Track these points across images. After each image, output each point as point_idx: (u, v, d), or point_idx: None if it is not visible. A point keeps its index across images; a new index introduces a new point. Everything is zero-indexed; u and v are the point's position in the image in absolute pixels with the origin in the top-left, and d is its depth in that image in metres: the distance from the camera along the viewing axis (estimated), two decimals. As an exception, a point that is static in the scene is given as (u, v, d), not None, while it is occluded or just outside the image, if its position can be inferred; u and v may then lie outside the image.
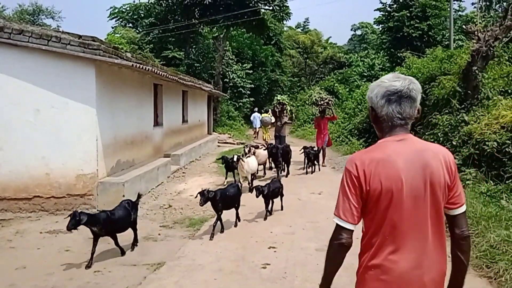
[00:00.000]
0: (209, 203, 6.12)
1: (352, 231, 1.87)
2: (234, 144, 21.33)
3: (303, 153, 11.82)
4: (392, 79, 1.96)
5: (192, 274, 4.78)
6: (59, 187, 7.50)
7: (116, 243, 5.32)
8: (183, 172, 11.94)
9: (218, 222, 6.27)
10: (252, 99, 34.00)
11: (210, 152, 17.14)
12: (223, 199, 6.32)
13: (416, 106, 1.94)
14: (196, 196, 6.15)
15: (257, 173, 10.68)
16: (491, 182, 7.94)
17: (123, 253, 5.41)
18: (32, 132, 7.43)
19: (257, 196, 6.90)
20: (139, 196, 6.06)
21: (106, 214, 5.22)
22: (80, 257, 5.28)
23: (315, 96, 14.03)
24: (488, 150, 8.33)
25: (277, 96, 15.36)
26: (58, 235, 6.32)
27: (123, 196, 7.61)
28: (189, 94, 16.22)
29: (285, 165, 11.66)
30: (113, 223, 5.23)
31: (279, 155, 10.97)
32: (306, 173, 12.00)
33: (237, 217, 6.85)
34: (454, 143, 9.59)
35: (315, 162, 12.22)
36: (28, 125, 7.42)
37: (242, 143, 21.52)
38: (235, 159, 9.33)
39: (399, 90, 1.91)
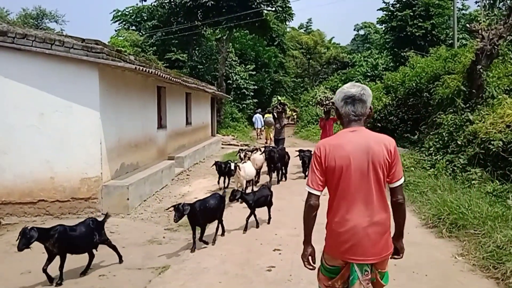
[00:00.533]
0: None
1: (318, 196, 2.64)
2: (238, 145, 21.31)
3: (299, 157, 11.39)
4: (350, 87, 2.66)
5: (197, 278, 4.77)
6: (64, 191, 7.52)
7: (61, 266, 4.67)
8: (187, 175, 11.94)
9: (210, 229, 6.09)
10: (255, 100, 33.99)
11: (214, 154, 17.13)
12: (203, 212, 5.74)
13: (366, 107, 2.64)
14: (169, 209, 5.63)
15: (256, 179, 10.29)
16: (497, 181, 7.89)
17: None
18: (36, 136, 7.45)
19: (230, 200, 6.51)
20: (107, 216, 5.37)
21: (64, 228, 4.68)
22: (84, 260, 5.27)
23: (319, 96, 13.66)
24: (493, 150, 8.28)
25: (277, 97, 15.08)
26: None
27: (127, 199, 7.64)
28: (193, 96, 16.24)
29: (283, 169, 11.17)
30: (69, 240, 4.67)
31: (276, 159, 10.45)
32: (305, 177, 11.63)
33: (222, 229, 6.35)
34: (459, 142, 9.54)
35: None
36: (32, 129, 7.44)
37: (246, 145, 21.52)
38: (232, 167, 8.87)
39: (353, 95, 2.61)
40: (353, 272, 2.54)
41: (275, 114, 13.86)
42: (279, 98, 14.42)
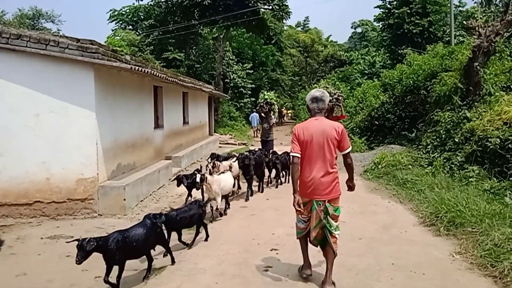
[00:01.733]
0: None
1: (299, 157, 4.26)
2: (235, 144, 21.29)
3: (269, 162, 9.76)
4: (315, 92, 4.45)
5: (194, 279, 4.74)
6: (60, 192, 7.47)
7: (119, 276, 4.42)
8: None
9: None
10: (253, 99, 33.85)
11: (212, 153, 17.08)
12: (180, 221, 5.50)
13: (325, 104, 4.41)
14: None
15: (233, 193, 8.95)
16: (494, 179, 7.88)
17: None
18: (32, 137, 7.40)
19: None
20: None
21: (123, 236, 4.43)
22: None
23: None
24: (491, 147, 8.27)
25: (263, 93, 13.30)
26: (59, 241, 6.29)
27: (124, 200, 7.60)
28: (190, 95, 16.19)
29: (259, 179, 9.55)
30: (129, 246, 4.43)
31: (252, 168, 8.83)
32: (277, 186, 10.05)
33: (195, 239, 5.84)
34: (457, 140, 9.53)
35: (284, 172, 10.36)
36: (28, 130, 7.40)
37: (244, 144, 21.51)
38: (198, 179, 6.73)
39: (317, 97, 4.38)
40: (313, 205, 4.31)
41: (261, 112, 12.70)
42: (266, 94, 12.82)
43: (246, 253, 5.54)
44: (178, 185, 7.95)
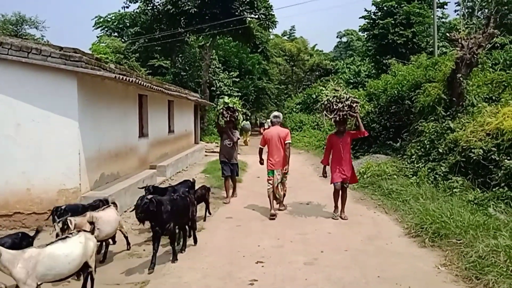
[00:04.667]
0: None
1: (262, 148, 8.68)
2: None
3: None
4: (275, 113, 8.98)
5: (177, 293, 4.64)
6: (41, 202, 7.29)
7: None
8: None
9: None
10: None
11: (197, 162, 16.98)
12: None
13: (280, 119, 8.64)
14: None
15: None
16: (478, 189, 7.96)
17: None
18: (13, 147, 7.22)
19: None
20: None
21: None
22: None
23: (327, 96, 7.90)
24: (474, 158, 8.36)
25: (223, 98, 9.95)
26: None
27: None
28: (175, 103, 16.08)
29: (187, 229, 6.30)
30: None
31: (165, 215, 5.40)
32: (205, 219, 7.81)
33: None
34: (441, 150, 9.62)
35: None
36: (8, 139, 7.22)
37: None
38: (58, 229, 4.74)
39: (276, 115, 8.70)
40: (274, 172, 8.17)
41: (220, 122, 9.77)
42: (228, 99, 9.56)
43: (231, 265, 5.46)
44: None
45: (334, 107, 7.72)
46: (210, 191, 8.41)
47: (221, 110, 9.48)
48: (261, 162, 8.70)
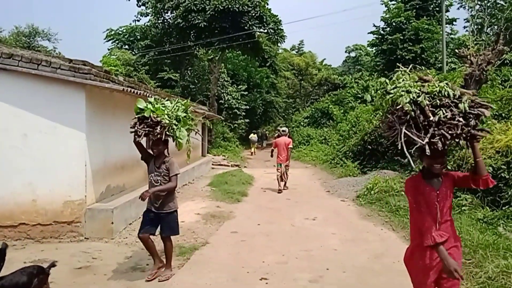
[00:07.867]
0: None
1: (273, 150, 13.79)
2: (228, 166, 21.14)
3: None
4: (282, 127, 15.42)
5: (179, 309, 4.57)
6: (46, 214, 7.28)
7: None
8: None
9: None
10: (247, 120, 34.01)
11: (204, 174, 16.96)
12: None
13: (286, 132, 13.60)
14: None
15: None
16: (487, 208, 7.82)
17: None
18: (19, 158, 7.25)
19: None
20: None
21: None
22: (63, 290, 5.04)
23: (414, 94, 3.25)
24: (483, 176, 8.22)
25: (139, 100, 6.09)
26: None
27: (112, 223, 7.43)
28: (183, 116, 16.09)
29: None
30: None
31: None
32: None
33: None
34: (449, 167, 9.47)
35: None
36: (15, 150, 7.24)
37: (237, 165, 21.35)
38: None
39: (284, 130, 13.67)
40: (281, 165, 12.89)
41: (138, 139, 6.24)
42: (142, 105, 6.06)
43: (235, 282, 5.39)
44: None
45: (430, 118, 3.25)
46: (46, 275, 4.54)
47: (133, 122, 5.98)
48: (271, 155, 13.96)
